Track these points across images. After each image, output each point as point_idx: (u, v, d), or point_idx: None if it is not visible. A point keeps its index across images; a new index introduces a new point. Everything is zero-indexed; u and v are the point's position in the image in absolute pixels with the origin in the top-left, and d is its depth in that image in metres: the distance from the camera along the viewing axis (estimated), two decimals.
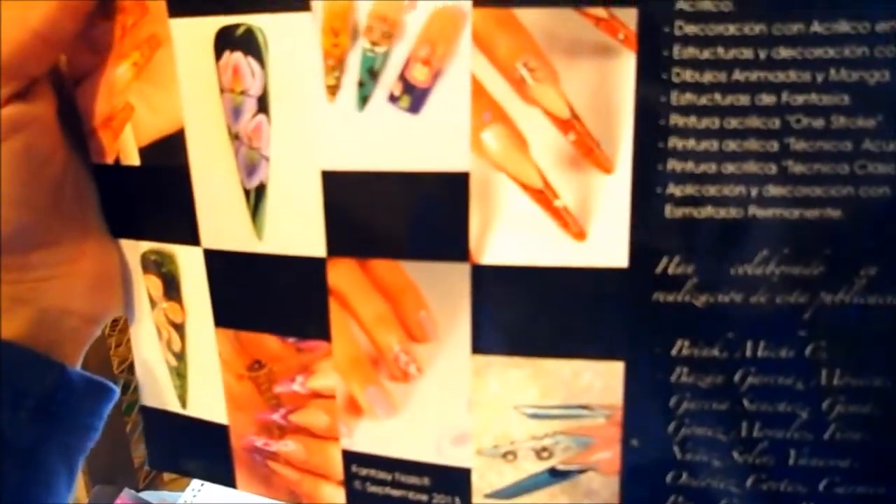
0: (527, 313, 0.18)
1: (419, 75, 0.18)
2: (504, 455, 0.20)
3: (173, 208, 0.21)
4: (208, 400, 0.23)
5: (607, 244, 0.17)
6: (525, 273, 0.18)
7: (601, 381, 0.18)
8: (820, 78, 0.16)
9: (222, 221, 0.20)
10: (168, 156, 0.20)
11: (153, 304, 0.23)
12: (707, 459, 0.18)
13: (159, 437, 0.25)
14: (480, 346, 0.19)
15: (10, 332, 0.20)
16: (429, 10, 0.17)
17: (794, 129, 0.16)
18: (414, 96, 0.18)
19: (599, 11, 0.16)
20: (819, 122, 0.16)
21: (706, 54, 0.16)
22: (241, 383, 0.22)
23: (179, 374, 0.23)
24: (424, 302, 0.19)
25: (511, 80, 0.17)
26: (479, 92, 0.17)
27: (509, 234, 0.18)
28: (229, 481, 0.23)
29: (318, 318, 0.20)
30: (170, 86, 0.20)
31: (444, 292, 0.19)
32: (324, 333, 0.20)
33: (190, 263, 0.21)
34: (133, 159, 0.21)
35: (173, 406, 0.24)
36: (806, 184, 0.16)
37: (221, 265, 0.21)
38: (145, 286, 0.23)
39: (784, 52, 0.16)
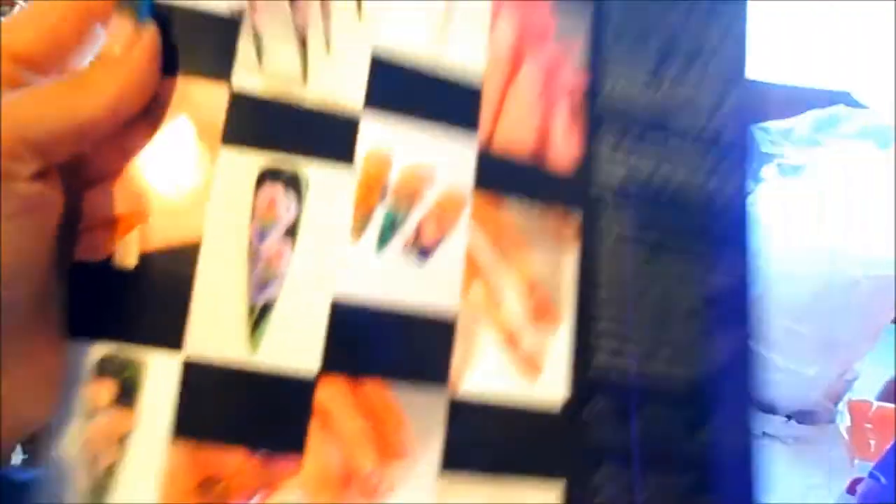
0: (490, 437, 0.22)
1: (429, 235, 0.22)
2: None
3: (161, 313, 0.21)
4: None
5: (554, 382, 0.23)
6: (492, 402, 0.22)
7: (550, 497, 0.22)
8: None
9: (215, 331, 0.21)
10: (174, 264, 0.21)
11: (92, 412, 0.21)
12: None
13: None
14: (448, 464, 0.22)
15: None
16: (443, 187, 0.23)
17: None
18: (422, 250, 0.22)
19: (558, 209, 0.23)
20: None
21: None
22: (184, 499, 0.21)
23: (98, 491, 0.21)
24: (404, 422, 0.22)
25: (495, 249, 0.23)
26: (471, 254, 0.23)
27: (482, 369, 0.22)
28: None
29: (297, 432, 0.21)
30: (198, 203, 0.21)
31: (423, 414, 0.22)
32: (299, 447, 0.21)
33: (159, 369, 0.21)
34: (129, 261, 0.21)
35: None
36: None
37: (201, 374, 0.21)
38: (88, 393, 0.21)
39: None
